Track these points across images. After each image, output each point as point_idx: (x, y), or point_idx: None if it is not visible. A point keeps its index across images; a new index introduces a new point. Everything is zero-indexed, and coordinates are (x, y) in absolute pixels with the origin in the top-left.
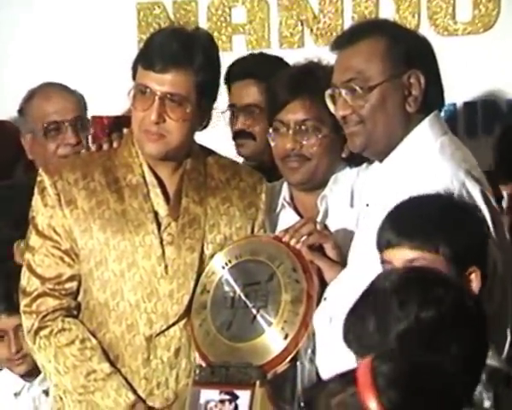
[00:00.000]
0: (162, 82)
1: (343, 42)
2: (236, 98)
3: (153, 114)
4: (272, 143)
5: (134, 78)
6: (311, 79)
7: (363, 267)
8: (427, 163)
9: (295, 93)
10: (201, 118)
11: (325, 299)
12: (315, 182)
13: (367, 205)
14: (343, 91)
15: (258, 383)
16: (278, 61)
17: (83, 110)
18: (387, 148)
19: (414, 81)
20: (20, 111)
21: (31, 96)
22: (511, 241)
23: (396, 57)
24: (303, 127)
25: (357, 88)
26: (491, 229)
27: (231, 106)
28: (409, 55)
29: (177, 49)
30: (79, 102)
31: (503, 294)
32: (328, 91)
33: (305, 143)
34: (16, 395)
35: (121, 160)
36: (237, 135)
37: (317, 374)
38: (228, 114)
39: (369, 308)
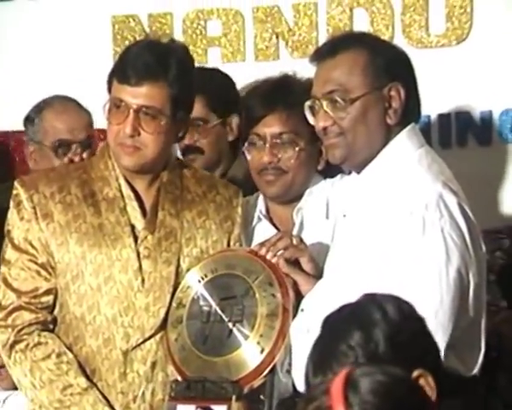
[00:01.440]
0: (137, 95)
1: (323, 54)
2: None
3: (127, 127)
4: (248, 157)
5: (109, 91)
6: (287, 93)
7: (340, 278)
8: (405, 174)
9: (271, 107)
10: (177, 130)
11: (302, 310)
12: (291, 195)
13: (344, 216)
14: (324, 103)
15: (234, 397)
16: (219, 74)
17: (91, 129)
18: (367, 160)
19: (394, 94)
20: (28, 119)
21: (43, 107)
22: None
23: (377, 70)
24: (279, 140)
25: (339, 100)
26: (468, 240)
27: None
28: (389, 67)
29: (151, 63)
30: (89, 120)
31: (478, 305)
32: (308, 103)
33: (281, 156)
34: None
35: (97, 173)
36: (185, 150)
37: (294, 386)
38: None
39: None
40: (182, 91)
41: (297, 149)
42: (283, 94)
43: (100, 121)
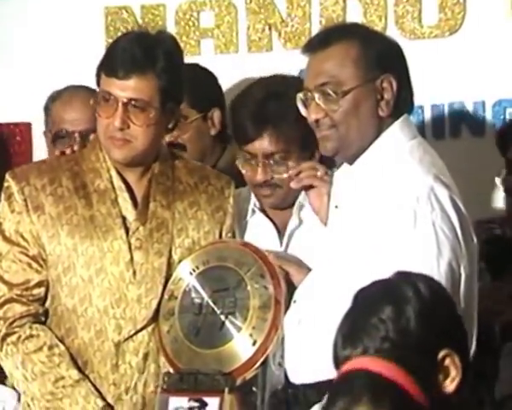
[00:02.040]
0: (125, 88)
1: (315, 46)
2: None
3: (116, 120)
4: (243, 171)
5: (98, 84)
6: (276, 110)
7: (332, 269)
8: (396, 166)
9: (261, 129)
10: (167, 121)
11: (295, 301)
12: (288, 202)
13: (336, 207)
14: (316, 95)
15: (226, 390)
16: (198, 69)
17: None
18: (359, 152)
19: (386, 85)
20: (46, 109)
21: (55, 97)
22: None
23: (369, 62)
24: (271, 160)
25: (331, 92)
26: (459, 233)
27: None
28: (381, 59)
29: (138, 55)
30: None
31: (469, 296)
32: (300, 95)
33: (274, 172)
34: None
35: (89, 165)
36: (168, 148)
37: (286, 378)
38: None
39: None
40: (170, 83)
41: (290, 163)
42: (272, 112)
43: None
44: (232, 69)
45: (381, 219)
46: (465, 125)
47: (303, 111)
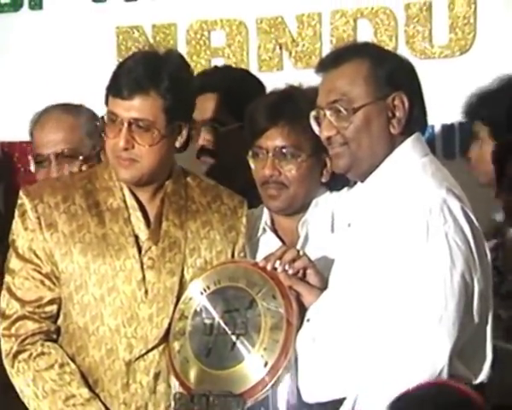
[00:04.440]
0: (129, 108)
1: (328, 64)
2: (197, 113)
3: (121, 140)
4: (252, 167)
5: (106, 105)
6: (290, 106)
7: (346, 288)
8: (409, 182)
9: (274, 120)
10: (174, 140)
11: (308, 320)
12: (295, 207)
13: (348, 225)
14: (328, 112)
15: None
16: (242, 73)
17: (79, 139)
18: (371, 169)
19: (398, 103)
20: (30, 134)
21: (35, 120)
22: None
23: (379, 79)
24: (281, 154)
25: (342, 109)
26: (472, 245)
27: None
28: (392, 77)
29: (141, 75)
30: (74, 130)
31: (483, 311)
32: (313, 113)
33: (283, 168)
34: None
35: (102, 183)
36: (200, 152)
37: (299, 397)
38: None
39: None
40: (176, 102)
41: (299, 160)
42: (286, 107)
43: None
44: None
45: (394, 232)
46: None
47: (316, 129)
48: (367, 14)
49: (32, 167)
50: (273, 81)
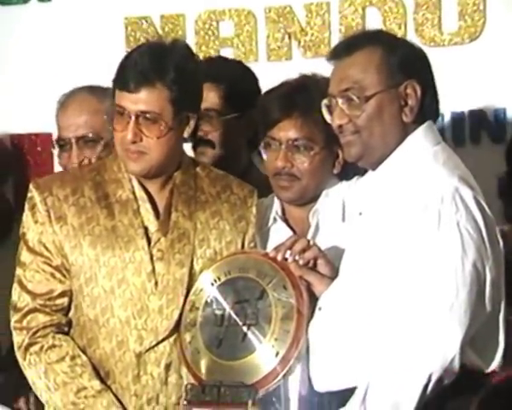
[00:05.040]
0: (136, 101)
1: (340, 52)
2: None
3: (129, 133)
4: (264, 157)
5: (113, 98)
6: (304, 97)
7: (358, 276)
8: (420, 170)
9: (287, 112)
10: (182, 131)
11: (320, 309)
12: (306, 198)
13: (360, 214)
14: (340, 101)
15: (250, 402)
16: (237, 65)
17: (102, 123)
18: (383, 157)
19: (410, 91)
20: (56, 117)
21: (60, 102)
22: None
23: (392, 67)
24: (294, 145)
25: (354, 97)
26: (484, 233)
27: None
28: (405, 65)
29: (147, 68)
30: (97, 114)
31: (495, 300)
32: (325, 101)
33: (295, 161)
34: None
35: (111, 175)
36: (197, 142)
37: (311, 386)
38: None
39: None
40: (183, 93)
41: (312, 153)
42: (300, 99)
43: None
44: None
45: (405, 220)
46: (485, 132)
47: (327, 117)
48: (376, 3)
49: (56, 151)
50: (282, 71)
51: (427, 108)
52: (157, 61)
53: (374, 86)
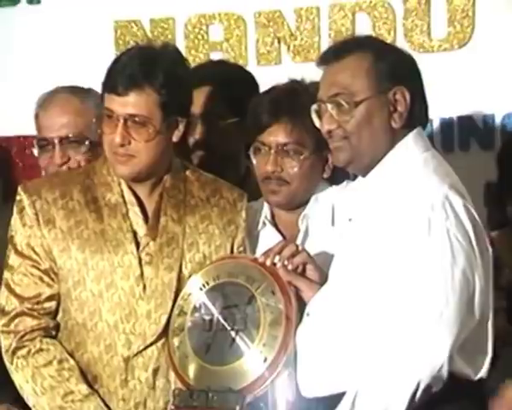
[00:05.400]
0: (124, 104)
1: (329, 57)
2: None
3: (117, 136)
4: (254, 161)
5: (102, 101)
6: (293, 102)
7: (347, 282)
8: (410, 177)
9: (277, 116)
10: (171, 134)
11: (308, 314)
12: (295, 203)
13: (349, 220)
14: (329, 106)
15: (237, 408)
16: (239, 69)
17: (86, 123)
18: (372, 163)
19: (399, 97)
20: (35, 116)
21: (40, 101)
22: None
23: (381, 73)
24: (284, 151)
25: (343, 103)
26: (474, 241)
27: None
28: (394, 71)
29: (136, 71)
30: (81, 114)
31: (484, 306)
32: (314, 106)
33: (285, 165)
34: None
35: (100, 178)
36: (197, 146)
37: (298, 391)
38: None
39: None
40: (172, 96)
41: (301, 157)
42: (289, 103)
43: None
44: None
45: (395, 227)
46: (474, 139)
47: (317, 122)
48: (365, 8)
49: (36, 151)
50: (271, 75)
51: (416, 115)
52: (146, 65)
53: (363, 92)
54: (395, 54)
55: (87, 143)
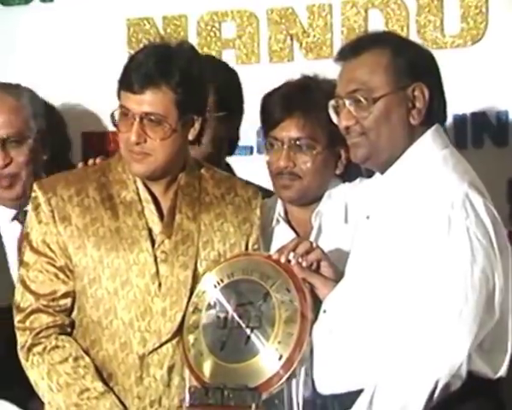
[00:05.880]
0: (140, 102)
1: (347, 53)
2: None
3: (133, 135)
4: (267, 158)
5: (119, 99)
6: (306, 97)
7: (364, 279)
8: (430, 175)
9: (289, 111)
10: (187, 133)
11: (324, 311)
12: (308, 198)
13: (367, 217)
14: (347, 102)
15: (253, 405)
16: (225, 66)
17: (24, 121)
18: (390, 159)
19: (418, 94)
20: None
21: None
22: None
23: (400, 69)
24: (296, 145)
25: (362, 99)
26: (494, 240)
27: None
28: (413, 67)
29: (152, 69)
30: (17, 112)
31: (504, 305)
32: (332, 102)
33: (297, 160)
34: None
35: (115, 176)
36: None
37: (314, 388)
38: None
39: None
40: (188, 95)
41: (314, 152)
42: (302, 98)
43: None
44: (254, 80)
45: (414, 225)
46: (488, 135)
47: (334, 118)
48: (378, 4)
49: None
50: (284, 72)
51: (435, 111)
52: (163, 63)
53: (382, 88)
54: (413, 50)
55: (30, 141)
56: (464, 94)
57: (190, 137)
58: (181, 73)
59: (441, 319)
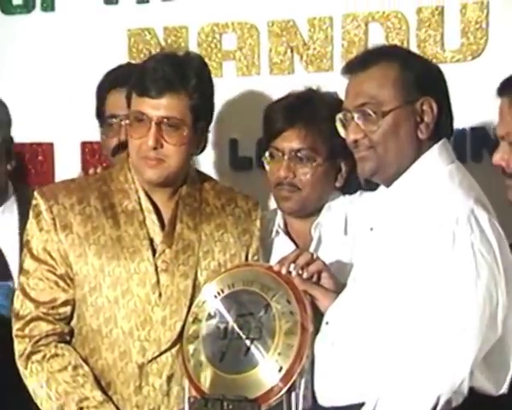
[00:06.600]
0: (158, 107)
1: (355, 67)
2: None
3: (150, 139)
4: (267, 168)
5: (129, 106)
6: (308, 109)
7: (367, 292)
8: (435, 190)
9: (291, 122)
10: (197, 141)
11: (327, 323)
12: (307, 210)
13: (371, 229)
14: (355, 115)
15: None
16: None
17: None
18: (397, 173)
19: (426, 108)
20: None
21: None
22: None
23: (408, 83)
24: (297, 156)
25: (371, 112)
26: (498, 256)
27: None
28: (421, 81)
29: (170, 74)
30: None
31: (507, 322)
32: (339, 115)
33: (297, 171)
34: None
35: (117, 185)
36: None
37: (314, 401)
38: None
39: None
40: (201, 101)
41: (314, 164)
42: (305, 110)
43: None
44: (254, 92)
45: (419, 239)
46: (487, 150)
47: (341, 132)
48: (378, 18)
49: None
50: (284, 84)
51: (443, 126)
52: (179, 68)
53: (391, 102)
54: (421, 64)
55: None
56: (464, 109)
57: (200, 146)
58: (197, 80)
59: (444, 335)
